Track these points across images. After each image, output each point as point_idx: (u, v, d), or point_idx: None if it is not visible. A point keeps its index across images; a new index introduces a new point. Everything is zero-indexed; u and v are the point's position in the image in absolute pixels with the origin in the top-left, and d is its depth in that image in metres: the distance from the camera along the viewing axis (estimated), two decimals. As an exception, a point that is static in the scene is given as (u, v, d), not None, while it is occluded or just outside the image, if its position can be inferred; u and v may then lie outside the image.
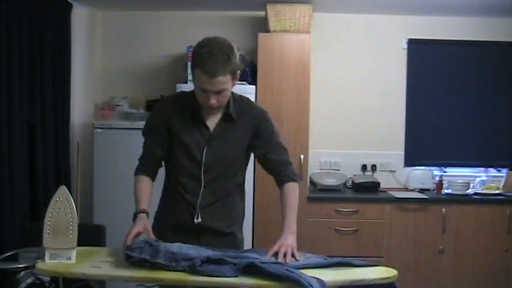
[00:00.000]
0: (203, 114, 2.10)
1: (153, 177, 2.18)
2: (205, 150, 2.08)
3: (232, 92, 2.12)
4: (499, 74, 4.51)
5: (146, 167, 2.16)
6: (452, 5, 4.12)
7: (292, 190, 2.15)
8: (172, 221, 2.16)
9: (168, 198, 2.20)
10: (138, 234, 1.91)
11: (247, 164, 2.26)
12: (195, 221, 2.09)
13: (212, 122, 2.11)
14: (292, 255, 1.92)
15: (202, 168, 2.09)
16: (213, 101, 1.99)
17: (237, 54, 2.01)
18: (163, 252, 1.83)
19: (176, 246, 1.90)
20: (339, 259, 1.93)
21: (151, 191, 2.13)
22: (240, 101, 2.17)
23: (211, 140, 2.10)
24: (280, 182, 2.18)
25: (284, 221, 2.08)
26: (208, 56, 1.93)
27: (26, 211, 3.44)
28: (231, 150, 2.12)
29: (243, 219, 2.29)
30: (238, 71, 2.04)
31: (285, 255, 1.91)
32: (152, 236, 1.95)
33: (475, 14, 4.37)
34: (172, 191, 2.17)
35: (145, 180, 2.14)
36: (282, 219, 2.10)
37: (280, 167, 2.18)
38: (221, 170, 2.11)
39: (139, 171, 2.16)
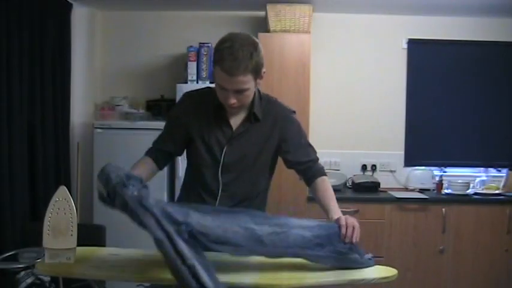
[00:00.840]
0: (227, 111, 2.00)
1: (157, 163, 2.05)
2: (225, 149, 1.99)
3: (259, 91, 2.04)
4: (499, 74, 4.51)
5: (154, 152, 2.06)
6: (452, 5, 4.13)
7: (326, 182, 2.05)
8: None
9: (186, 197, 2.11)
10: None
11: (272, 170, 2.15)
12: None
13: (236, 120, 2.02)
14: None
15: (220, 168, 2.00)
16: (233, 100, 1.88)
17: (261, 51, 1.89)
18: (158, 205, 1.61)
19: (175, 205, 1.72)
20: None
21: (149, 170, 2.01)
22: (266, 100, 2.08)
23: (233, 139, 2.00)
24: (311, 178, 2.08)
25: (328, 209, 1.94)
26: (228, 52, 1.80)
27: (26, 211, 3.44)
28: (253, 151, 2.02)
29: None
30: (264, 70, 1.92)
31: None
32: None
33: (475, 14, 4.37)
34: (191, 190, 2.09)
35: (148, 160, 2.03)
36: (325, 210, 1.97)
37: (308, 166, 2.09)
38: (241, 171, 2.01)
39: (147, 152, 2.07)
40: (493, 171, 4.50)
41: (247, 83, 1.85)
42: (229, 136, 2.01)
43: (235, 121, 2.02)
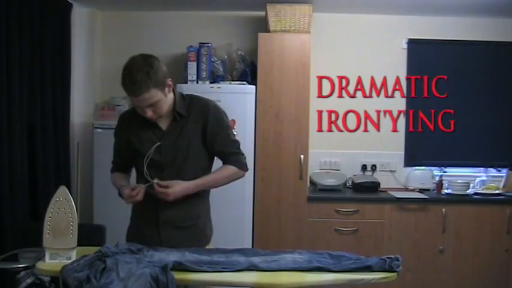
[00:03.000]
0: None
1: (126, 173, 2.45)
2: (161, 149, 2.23)
3: (180, 93, 2.30)
4: (499, 74, 4.51)
5: (116, 167, 2.43)
6: (452, 5, 4.13)
7: (226, 168, 2.29)
8: (138, 215, 2.33)
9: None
10: (132, 189, 2.17)
11: (209, 157, 2.34)
12: (159, 212, 2.23)
13: (165, 123, 2.26)
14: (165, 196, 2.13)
15: (161, 167, 2.23)
16: (149, 113, 2.15)
17: (160, 67, 2.13)
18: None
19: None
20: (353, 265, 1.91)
21: (128, 178, 2.41)
22: (189, 98, 2.31)
23: (165, 139, 2.24)
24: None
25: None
26: (128, 78, 2.07)
27: (26, 211, 3.44)
28: (186, 145, 2.24)
29: (207, 212, 2.40)
30: (169, 79, 2.16)
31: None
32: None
33: (474, 14, 4.37)
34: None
35: (118, 173, 2.41)
36: None
37: (226, 157, 2.31)
38: (179, 165, 2.24)
39: (112, 170, 2.44)
40: (493, 171, 4.50)
41: (154, 97, 2.11)
42: (161, 136, 2.25)
43: (165, 123, 2.27)
